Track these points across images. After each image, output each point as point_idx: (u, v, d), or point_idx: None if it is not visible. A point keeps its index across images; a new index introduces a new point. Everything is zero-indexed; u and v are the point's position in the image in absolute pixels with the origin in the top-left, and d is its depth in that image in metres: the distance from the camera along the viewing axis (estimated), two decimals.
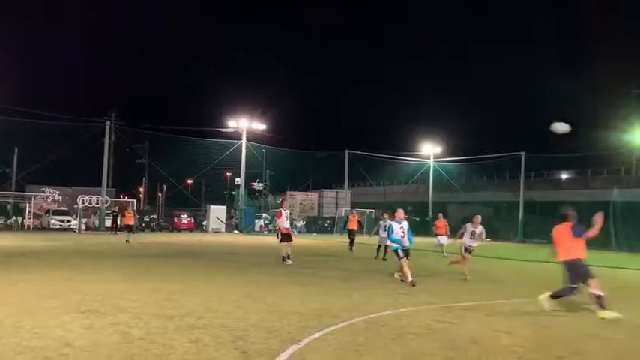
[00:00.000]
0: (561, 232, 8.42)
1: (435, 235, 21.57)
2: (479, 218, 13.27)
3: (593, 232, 8.25)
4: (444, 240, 20.21)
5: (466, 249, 13.08)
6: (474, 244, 13.09)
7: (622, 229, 30.50)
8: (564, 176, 56.37)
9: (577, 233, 8.23)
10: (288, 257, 15.30)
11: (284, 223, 15.48)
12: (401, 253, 11.72)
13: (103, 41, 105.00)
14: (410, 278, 11.27)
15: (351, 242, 21.55)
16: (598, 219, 8.15)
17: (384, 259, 16.98)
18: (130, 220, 25.87)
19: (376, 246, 18.17)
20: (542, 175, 54.69)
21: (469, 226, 13.07)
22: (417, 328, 6.90)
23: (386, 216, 17.69)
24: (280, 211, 15.84)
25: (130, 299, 8.37)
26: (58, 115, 37.22)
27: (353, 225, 22.27)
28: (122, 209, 31.88)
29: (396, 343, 6.03)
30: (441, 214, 22.06)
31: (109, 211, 37.47)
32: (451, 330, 6.84)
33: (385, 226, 16.92)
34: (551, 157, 48.04)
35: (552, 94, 71.17)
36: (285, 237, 15.40)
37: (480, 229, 12.99)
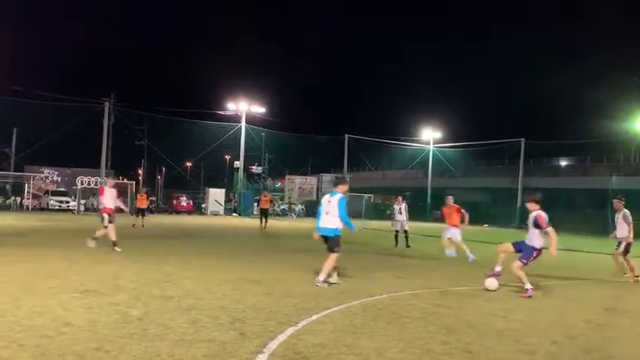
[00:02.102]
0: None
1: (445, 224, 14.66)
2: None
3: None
4: (455, 234, 13.93)
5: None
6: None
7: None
8: (563, 163, 56.39)
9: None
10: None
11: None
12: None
13: (104, 22, 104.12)
14: (319, 278, 8.62)
15: (263, 221, 23.27)
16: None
17: (407, 245, 16.77)
18: (143, 203, 23.59)
19: (393, 234, 17.52)
20: (541, 162, 54.70)
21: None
22: (414, 312, 6.95)
23: (399, 198, 17.63)
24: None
25: (129, 280, 8.41)
26: (57, 95, 37.09)
27: (265, 205, 23.84)
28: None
29: (393, 327, 6.08)
30: (451, 197, 14.71)
31: None
32: (447, 314, 6.89)
33: (400, 209, 17.18)
34: (551, 144, 48.06)
35: (553, 82, 70.91)
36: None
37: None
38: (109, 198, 12.85)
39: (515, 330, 6.18)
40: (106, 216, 12.64)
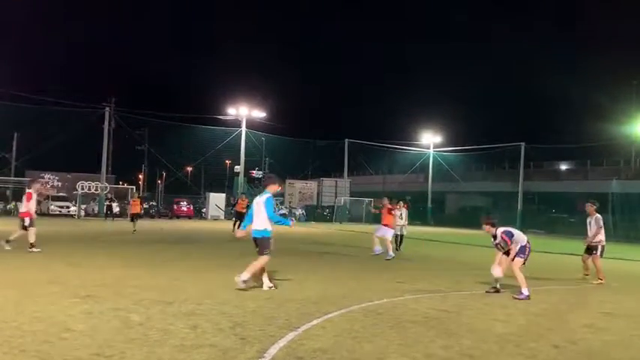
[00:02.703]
0: None
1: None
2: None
3: None
4: (386, 233, 14.99)
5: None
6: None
7: (621, 221, 30.60)
8: (564, 167, 56.38)
9: None
10: None
11: None
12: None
13: (104, 27, 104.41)
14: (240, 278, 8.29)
15: (235, 224, 22.14)
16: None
17: (398, 249, 16.84)
18: (137, 208, 23.74)
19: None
20: (541, 166, 54.71)
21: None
22: (415, 316, 6.95)
23: (401, 204, 17.60)
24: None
25: (130, 285, 8.41)
26: (57, 100, 37.17)
27: (241, 208, 23.05)
28: (130, 197, 30.94)
29: (394, 331, 6.07)
30: (386, 199, 15.87)
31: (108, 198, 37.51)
32: (448, 319, 6.89)
33: (401, 214, 17.18)
34: (551, 148, 48.05)
35: (553, 86, 71.05)
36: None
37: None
38: (33, 203, 13.57)
39: (516, 334, 6.18)
40: (27, 220, 13.22)
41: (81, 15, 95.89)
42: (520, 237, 9.04)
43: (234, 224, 22.17)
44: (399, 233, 17.30)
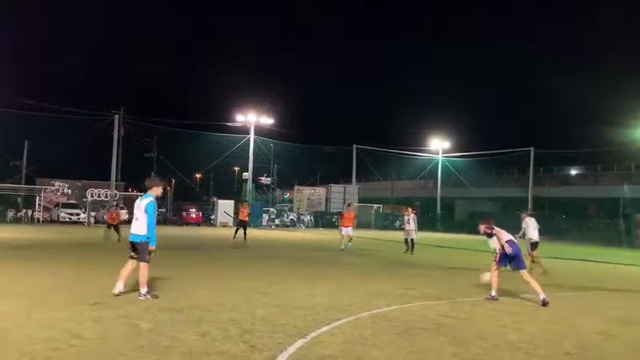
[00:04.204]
0: None
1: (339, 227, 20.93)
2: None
3: None
4: (348, 232, 19.16)
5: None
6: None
7: (633, 226, 30.27)
8: (574, 172, 55.99)
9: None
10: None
11: None
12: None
13: (112, 35, 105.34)
14: (116, 288, 8.06)
15: (237, 231, 22.30)
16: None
17: (411, 253, 18.06)
18: (115, 219, 21.08)
19: (403, 240, 19.32)
20: (551, 171, 54.37)
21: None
22: (424, 323, 6.91)
23: (409, 209, 19.32)
24: None
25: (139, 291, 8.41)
26: (67, 108, 37.46)
27: (244, 216, 23.26)
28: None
29: (403, 338, 6.04)
30: (349, 206, 23.21)
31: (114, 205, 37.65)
32: (458, 325, 6.84)
33: (408, 220, 18.90)
34: (561, 153, 47.77)
35: (562, 90, 70.74)
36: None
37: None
38: None
39: (527, 341, 6.12)
40: None
41: (82, 17, 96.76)
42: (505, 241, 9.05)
43: (236, 232, 22.28)
44: (407, 237, 18.66)
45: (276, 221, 44.15)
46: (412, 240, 18.44)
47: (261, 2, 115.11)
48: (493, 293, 8.99)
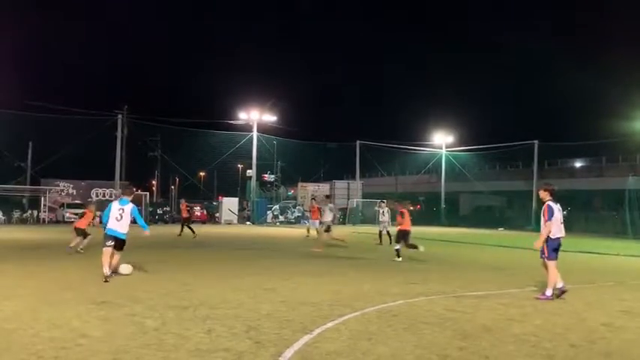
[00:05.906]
0: None
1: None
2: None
3: None
4: (315, 224, 21.11)
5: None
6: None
7: (638, 218, 30.15)
8: (578, 164, 55.75)
9: None
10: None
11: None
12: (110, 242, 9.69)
13: (113, 35, 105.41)
14: (107, 272, 9.44)
15: (187, 229, 22.75)
16: None
17: (380, 244, 19.41)
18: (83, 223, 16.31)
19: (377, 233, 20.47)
20: (556, 164, 54.17)
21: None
22: (430, 317, 6.91)
23: (383, 204, 20.37)
24: None
25: (145, 290, 8.46)
26: (70, 108, 37.53)
27: (185, 213, 23.96)
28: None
29: (409, 333, 6.04)
30: (313, 200, 23.95)
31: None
32: (463, 319, 6.84)
33: (382, 212, 20.04)
34: (565, 145, 47.57)
35: (566, 82, 70.38)
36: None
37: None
38: None
39: (533, 334, 6.12)
40: None
41: (82, 17, 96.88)
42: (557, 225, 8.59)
43: (181, 230, 22.90)
44: (381, 229, 20.06)
45: (280, 218, 44.19)
46: (388, 232, 19.36)
47: (263, 2, 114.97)
48: (549, 292, 8.41)
